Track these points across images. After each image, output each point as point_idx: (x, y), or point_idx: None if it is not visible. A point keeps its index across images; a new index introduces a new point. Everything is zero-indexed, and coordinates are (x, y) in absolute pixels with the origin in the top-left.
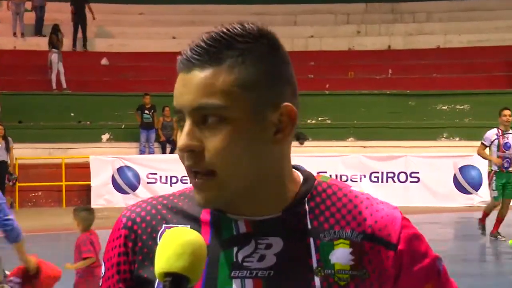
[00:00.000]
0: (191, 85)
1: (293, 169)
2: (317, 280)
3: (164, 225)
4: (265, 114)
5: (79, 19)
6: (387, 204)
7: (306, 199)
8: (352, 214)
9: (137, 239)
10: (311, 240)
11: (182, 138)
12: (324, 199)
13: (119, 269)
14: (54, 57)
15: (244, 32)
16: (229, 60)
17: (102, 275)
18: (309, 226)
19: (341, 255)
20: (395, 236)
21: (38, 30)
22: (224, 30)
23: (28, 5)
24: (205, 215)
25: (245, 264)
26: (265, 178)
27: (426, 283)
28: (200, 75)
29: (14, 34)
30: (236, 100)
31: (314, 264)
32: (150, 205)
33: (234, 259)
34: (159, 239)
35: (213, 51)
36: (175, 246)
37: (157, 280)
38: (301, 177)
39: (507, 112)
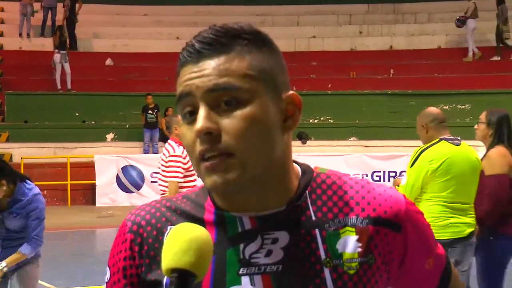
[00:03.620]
0: (203, 70)
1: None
2: (326, 272)
3: (169, 227)
4: (276, 100)
5: (72, 19)
6: (387, 186)
7: (307, 191)
8: (355, 200)
9: (143, 243)
10: (317, 231)
11: (199, 121)
12: (325, 189)
13: (125, 274)
14: (56, 57)
15: (244, 27)
16: (238, 48)
17: (107, 280)
18: (313, 218)
19: (348, 243)
20: (401, 216)
21: (44, 31)
22: (227, 25)
23: (37, 6)
24: (208, 215)
25: (252, 260)
26: (275, 167)
27: (429, 258)
28: (212, 62)
29: (20, 34)
30: (251, 84)
31: (322, 256)
32: (154, 208)
33: (241, 256)
34: None
35: (222, 41)
36: (181, 242)
37: (164, 280)
38: (299, 170)
39: None
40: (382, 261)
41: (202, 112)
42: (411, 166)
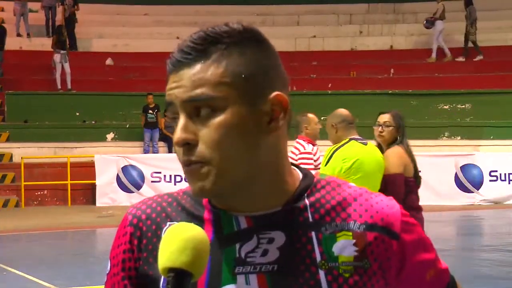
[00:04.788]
0: (181, 80)
1: (292, 167)
2: (321, 274)
3: (168, 223)
4: (257, 104)
5: (72, 19)
6: (384, 196)
7: (306, 194)
8: (353, 207)
9: (142, 236)
10: (313, 233)
11: (176, 132)
12: (324, 194)
13: (124, 266)
14: (56, 57)
15: (229, 29)
16: (216, 54)
17: (107, 271)
18: (311, 220)
19: (344, 247)
20: (398, 225)
21: (48, 30)
22: (210, 29)
23: (36, 6)
24: (207, 214)
25: (248, 259)
26: (263, 170)
27: (429, 269)
28: (189, 72)
29: (18, 34)
30: (226, 91)
31: (318, 258)
32: (155, 203)
33: (237, 255)
34: None
35: (200, 48)
36: (177, 241)
37: (162, 276)
38: (300, 174)
39: None
40: (379, 267)
41: (180, 123)
42: (325, 165)
